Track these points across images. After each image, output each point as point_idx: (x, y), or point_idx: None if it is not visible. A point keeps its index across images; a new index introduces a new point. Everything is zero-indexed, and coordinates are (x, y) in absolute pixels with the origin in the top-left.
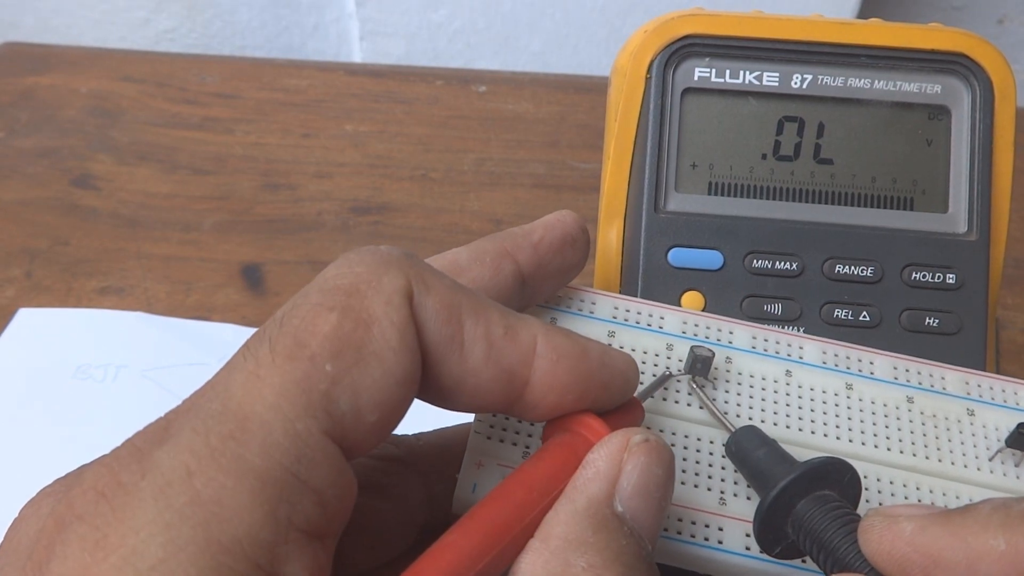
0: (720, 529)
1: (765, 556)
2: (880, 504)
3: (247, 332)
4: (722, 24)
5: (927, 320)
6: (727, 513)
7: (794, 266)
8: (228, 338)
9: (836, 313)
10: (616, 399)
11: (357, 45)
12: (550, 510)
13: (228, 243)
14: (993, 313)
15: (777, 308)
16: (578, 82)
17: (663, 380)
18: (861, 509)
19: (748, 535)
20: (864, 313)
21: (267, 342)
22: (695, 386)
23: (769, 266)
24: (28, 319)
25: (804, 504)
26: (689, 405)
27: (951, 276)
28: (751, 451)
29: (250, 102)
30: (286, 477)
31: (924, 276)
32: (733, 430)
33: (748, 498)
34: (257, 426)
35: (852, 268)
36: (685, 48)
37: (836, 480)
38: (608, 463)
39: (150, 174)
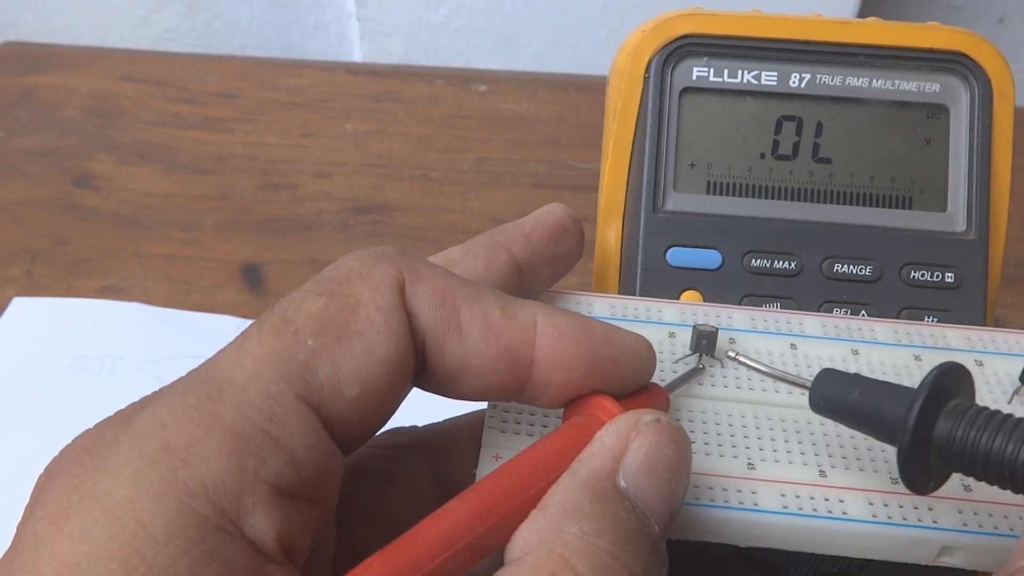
0: (754, 492)
1: (801, 512)
2: None
3: (245, 324)
4: (720, 23)
5: (926, 319)
6: (757, 476)
7: (793, 265)
8: (226, 330)
9: (835, 312)
10: (631, 378)
11: (357, 45)
12: (554, 484)
13: (228, 243)
14: (992, 312)
15: (776, 307)
16: (578, 82)
17: (694, 373)
18: None
19: (783, 495)
20: (863, 312)
21: (257, 323)
22: (742, 358)
23: (768, 265)
24: (24, 309)
25: (942, 425)
26: (700, 384)
27: (950, 275)
28: (843, 397)
29: (250, 102)
30: (255, 432)
31: (923, 275)
32: (808, 384)
33: (776, 461)
34: (233, 387)
35: (851, 267)
36: (683, 48)
37: (956, 385)
38: (614, 439)
39: (150, 174)
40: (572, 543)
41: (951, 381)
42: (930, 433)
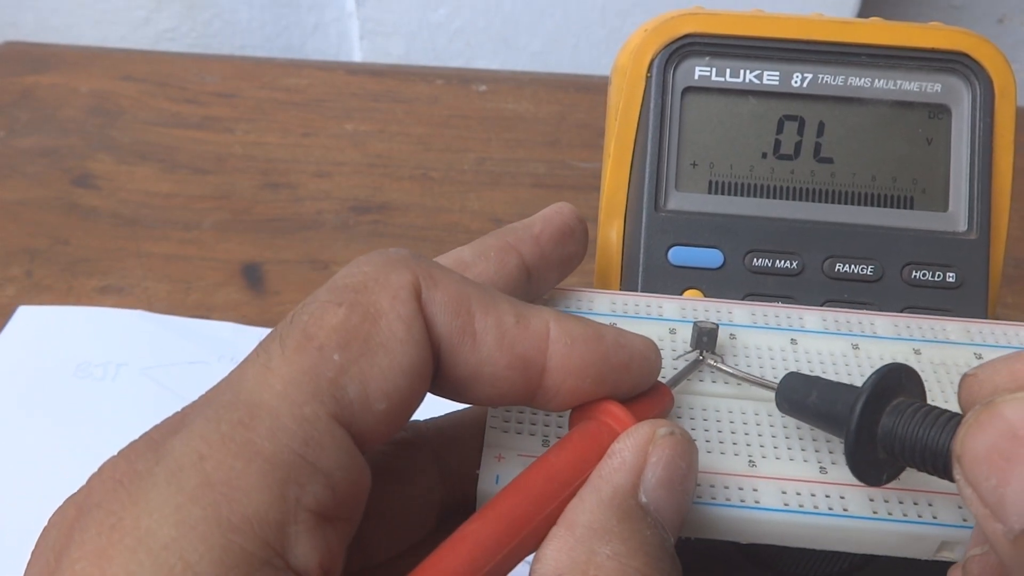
0: (755, 490)
1: (802, 509)
2: None
3: (247, 330)
4: (722, 23)
5: None
6: (758, 474)
7: (794, 265)
8: (228, 336)
9: None
10: (639, 381)
11: (357, 45)
12: (575, 498)
13: (228, 242)
14: (993, 312)
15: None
16: (578, 82)
17: (694, 366)
18: None
19: (784, 492)
20: None
21: (278, 338)
22: (713, 362)
23: (769, 265)
24: (28, 317)
25: (886, 421)
26: (701, 381)
27: (951, 275)
28: (803, 399)
29: (250, 102)
30: (294, 459)
31: (924, 275)
32: (775, 386)
33: (777, 458)
34: (266, 412)
35: (852, 267)
36: (685, 47)
37: (899, 384)
38: (634, 454)
39: (150, 173)
40: (605, 565)
41: (894, 381)
42: (875, 430)
